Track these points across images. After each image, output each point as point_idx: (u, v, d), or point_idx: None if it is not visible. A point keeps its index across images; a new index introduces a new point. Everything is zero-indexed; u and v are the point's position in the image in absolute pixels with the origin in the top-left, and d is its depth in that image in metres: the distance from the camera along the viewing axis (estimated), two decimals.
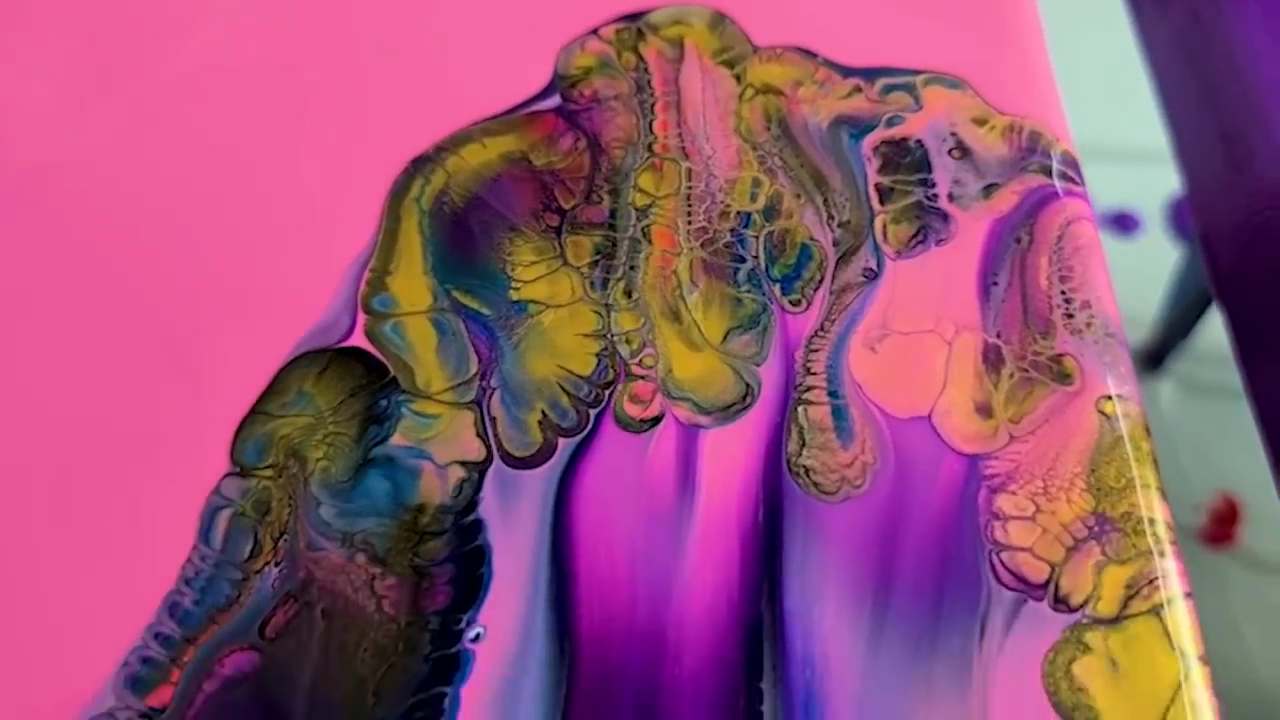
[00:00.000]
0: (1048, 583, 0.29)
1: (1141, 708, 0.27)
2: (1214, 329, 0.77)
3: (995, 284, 0.33)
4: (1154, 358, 0.83)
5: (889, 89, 0.37)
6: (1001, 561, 0.29)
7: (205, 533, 0.30)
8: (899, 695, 0.28)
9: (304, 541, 0.30)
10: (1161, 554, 0.29)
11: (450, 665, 0.28)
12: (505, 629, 0.28)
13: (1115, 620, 0.28)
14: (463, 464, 0.31)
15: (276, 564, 0.29)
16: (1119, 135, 0.80)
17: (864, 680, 0.28)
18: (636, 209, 0.35)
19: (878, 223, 0.35)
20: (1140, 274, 0.84)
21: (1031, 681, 0.28)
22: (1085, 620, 0.28)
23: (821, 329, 0.33)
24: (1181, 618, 0.28)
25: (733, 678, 0.28)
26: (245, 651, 0.28)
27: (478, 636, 0.28)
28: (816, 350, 0.33)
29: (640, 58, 0.38)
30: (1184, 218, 0.81)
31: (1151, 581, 0.29)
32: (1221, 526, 0.76)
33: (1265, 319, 0.55)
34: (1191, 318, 0.77)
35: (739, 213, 0.35)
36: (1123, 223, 0.86)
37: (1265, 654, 0.64)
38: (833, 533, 0.30)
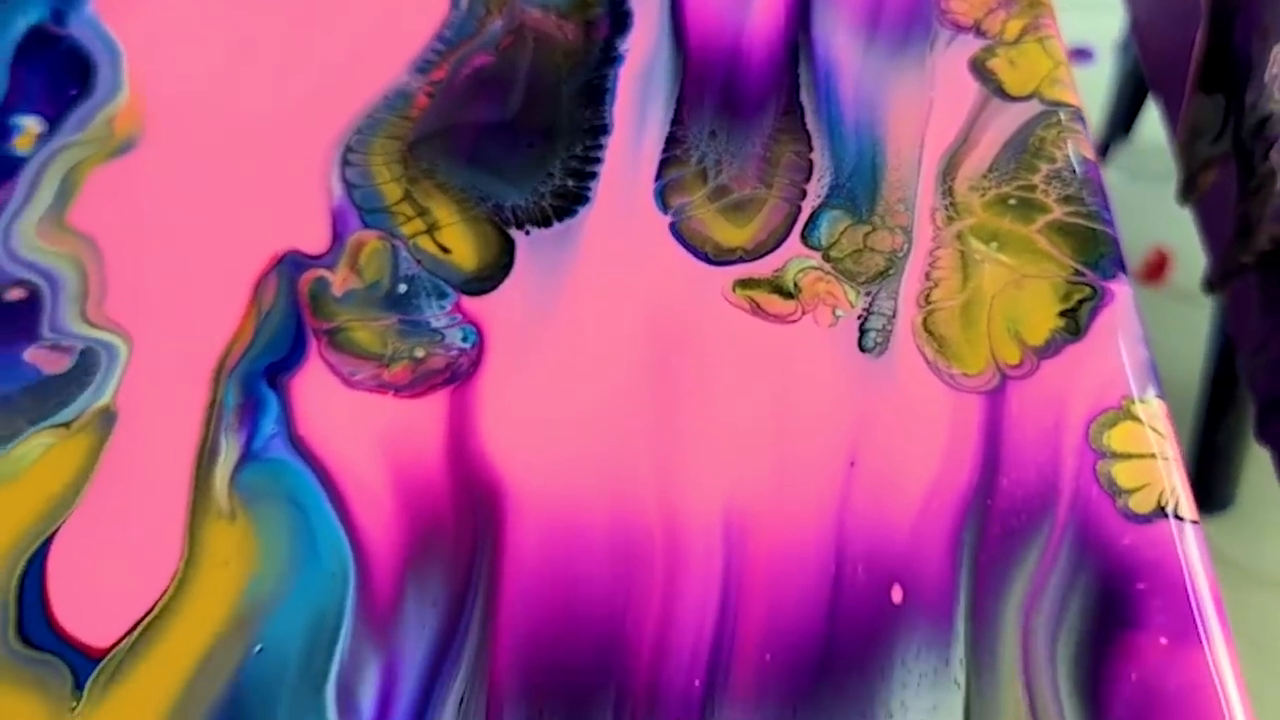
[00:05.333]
0: (973, 25, 0.47)
1: (1027, 81, 0.45)
2: (1148, 127, 0.96)
3: None
4: (1101, 149, 1.02)
5: None
6: (944, 17, 0.47)
7: (455, 2, 0.48)
8: (883, 72, 0.46)
9: (517, 6, 0.48)
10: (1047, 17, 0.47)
11: (612, 60, 0.46)
12: (642, 45, 0.47)
13: (1014, 42, 0.47)
14: None
15: (501, 18, 0.48)
16: None
17: (861, 66, 0.46)
18: None
19: None
20: (1092, 94, 1.03)
21: (962, 68, 0.46)
22: (995, 43, 0.46)
23: None
24: (1054, 45, 0.46)
25: (780, 72, 0.46)
26: (487, 55, 0.47)
27: (623, 56, 0.47)
28: None
29: None
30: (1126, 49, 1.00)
31: (1039, 27, 0.47)
32: (1154, 269, 0.94)
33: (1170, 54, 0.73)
34: (1128, 107, 0.97)
35: None
36: (1080, 54, 1.07)
37: (1182, 361, 0.81)
38: (841, 7, 0.48)
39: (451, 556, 0.35)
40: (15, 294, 0.40)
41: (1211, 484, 0.80)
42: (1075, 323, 0.39)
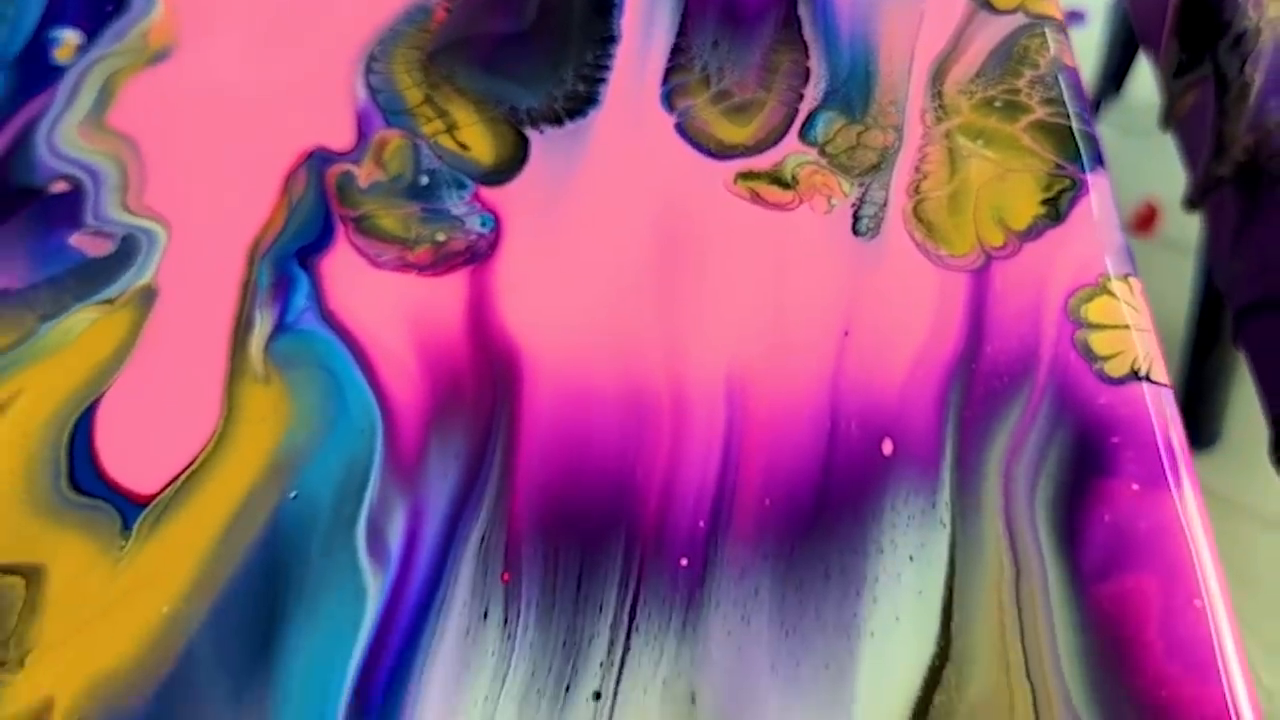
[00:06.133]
0: None
1: None
2: (1138, 85, 0.99)
3: None
4: (1094, 106, 1.05)
5: None
6: None
7: None
8: None
9: None
10: None
11: None
12: None
13: None
14: None
15: None
16: None
17: None
18: None
19: None
20: (1084, 54, 1.06)
21: None
22: None
23: None
24: None
25: None
26: None
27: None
28: None
29: None
30: (1117, 9, 1.03)
31: None
32: (1144, 220, 0.97)
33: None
34: (1119, 66, 1.00)
35: None
36: (1073, 17, 1.09)
37: (1171, 306, 0.84)
38: None
39: (472, 414, 0.37)
40: (59, 186, 0.43)
41: (1199, 421, 0.82)
42: (1056, 210, 0.41)
